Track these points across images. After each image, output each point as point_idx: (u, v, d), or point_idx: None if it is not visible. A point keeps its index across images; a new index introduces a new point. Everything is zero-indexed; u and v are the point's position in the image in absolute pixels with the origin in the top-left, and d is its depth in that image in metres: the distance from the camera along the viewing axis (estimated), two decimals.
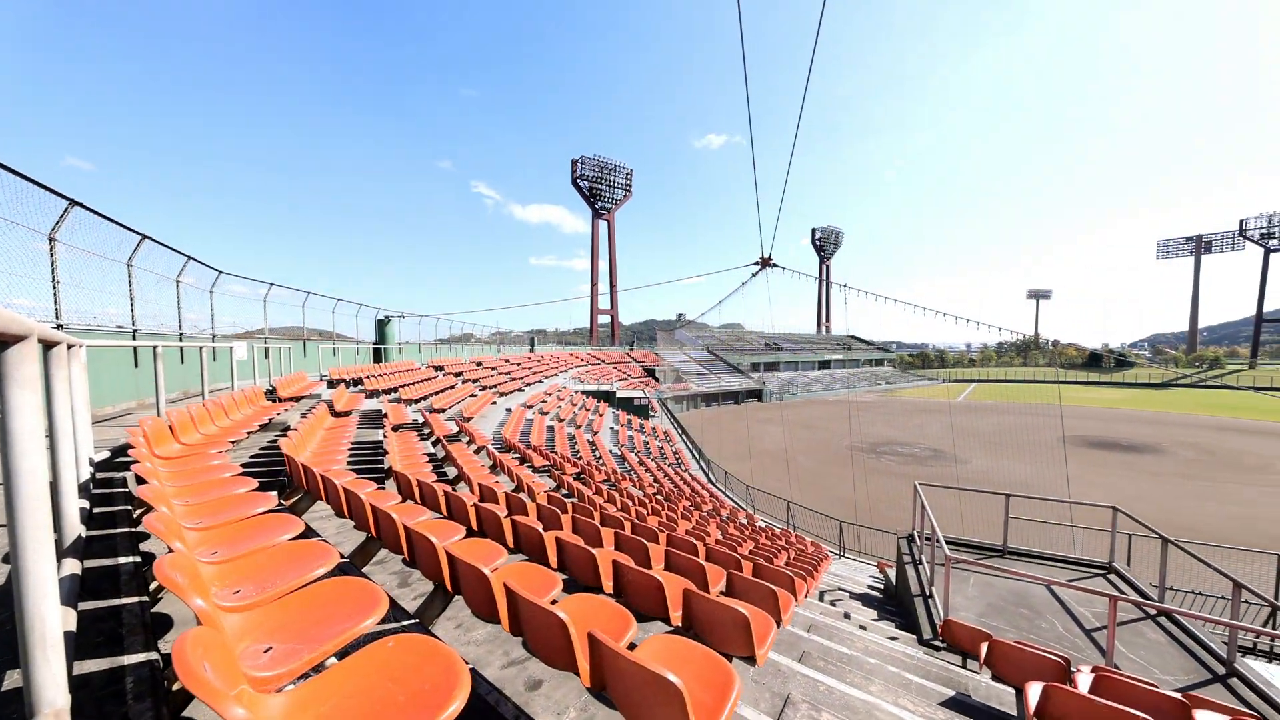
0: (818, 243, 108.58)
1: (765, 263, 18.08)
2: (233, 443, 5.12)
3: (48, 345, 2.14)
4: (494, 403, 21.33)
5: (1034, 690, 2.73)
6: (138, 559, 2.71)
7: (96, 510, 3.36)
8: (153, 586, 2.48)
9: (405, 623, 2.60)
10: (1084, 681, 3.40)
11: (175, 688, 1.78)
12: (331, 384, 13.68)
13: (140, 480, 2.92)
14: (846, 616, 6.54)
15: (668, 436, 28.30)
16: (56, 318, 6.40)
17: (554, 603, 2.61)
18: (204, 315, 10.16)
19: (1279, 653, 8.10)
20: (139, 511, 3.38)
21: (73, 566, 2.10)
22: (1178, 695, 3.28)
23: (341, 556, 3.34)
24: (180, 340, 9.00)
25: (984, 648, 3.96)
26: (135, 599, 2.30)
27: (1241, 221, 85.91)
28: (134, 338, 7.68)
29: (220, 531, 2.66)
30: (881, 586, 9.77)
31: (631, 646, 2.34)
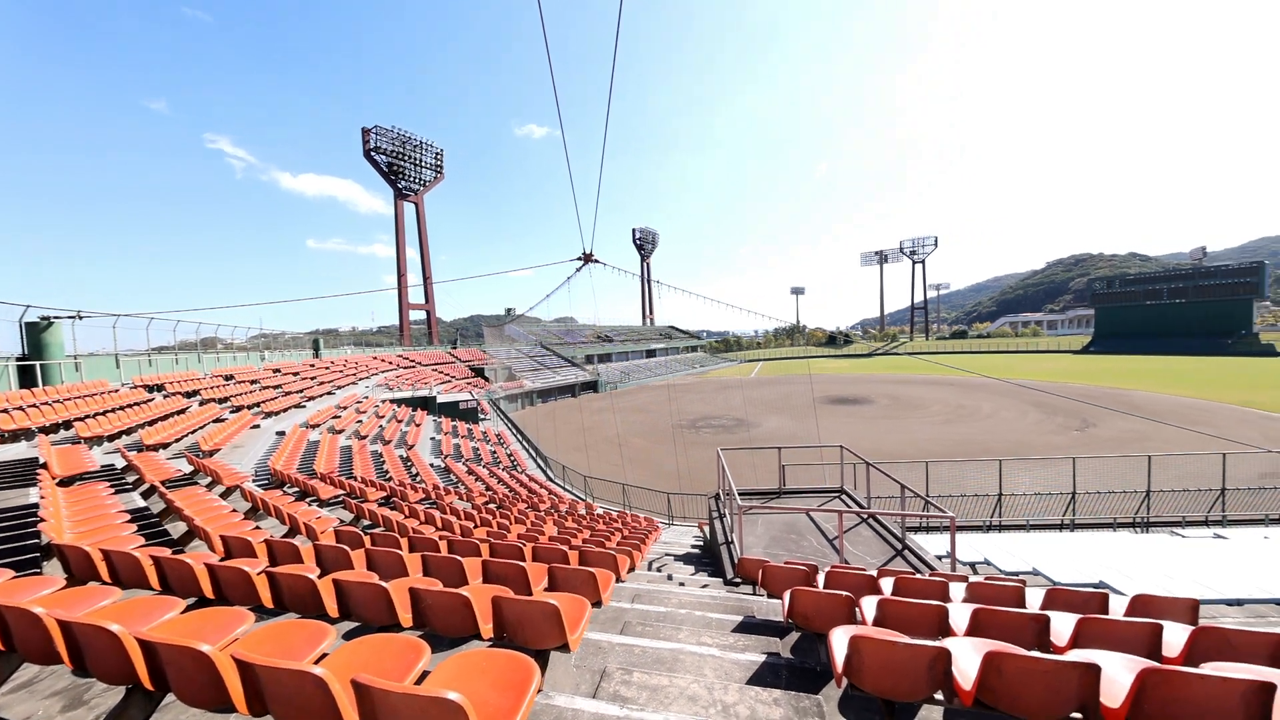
0: (638, 241, 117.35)
1: (587, 258, 18.63)
2: None
3: None
4: (256, 426, 16.79)
5: (787, 596, 3.49)
6: None
7: None
8: None
9: None
10: (821, 580, 4.51)
11: None
12: None
13: None
14: (669, 578, 7.27)
15: (501, 439, 26.87)
16: None
17: (321, 659, 2.15)
18: None
19: (933, 527, 12.36)
20: None
21: None
22: (873, 573, 4.63)
23: None
24: None
25: (760, 574, 4.89)
26: None
27: (900, 242, 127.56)
28: None
29: None
30: (702, 544, 11.23)
31: (424, 676, 2.09)
